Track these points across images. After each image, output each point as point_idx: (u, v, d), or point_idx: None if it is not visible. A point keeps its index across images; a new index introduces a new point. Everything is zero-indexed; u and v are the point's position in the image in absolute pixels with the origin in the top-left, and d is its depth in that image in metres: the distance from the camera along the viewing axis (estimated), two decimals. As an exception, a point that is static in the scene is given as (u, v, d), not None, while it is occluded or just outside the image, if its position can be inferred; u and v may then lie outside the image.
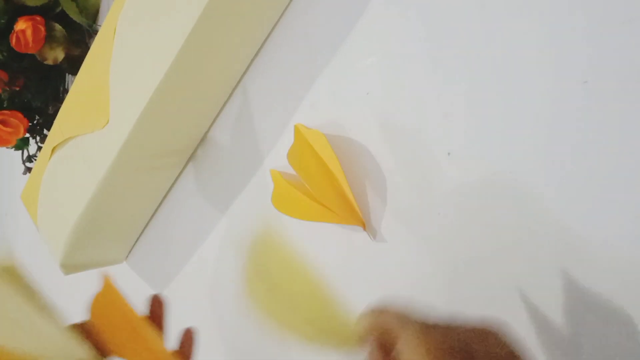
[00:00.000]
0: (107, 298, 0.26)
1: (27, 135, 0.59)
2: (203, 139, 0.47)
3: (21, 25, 0.50)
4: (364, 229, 0.35)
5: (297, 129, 0.38)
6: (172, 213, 0.51)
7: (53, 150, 0.47)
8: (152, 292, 0.27)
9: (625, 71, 0.26)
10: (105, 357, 0.26)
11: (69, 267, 0.48)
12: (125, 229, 0.51)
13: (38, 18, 0.51)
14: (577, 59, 0.28)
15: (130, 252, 0.54)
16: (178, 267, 0.51)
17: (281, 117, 0.41)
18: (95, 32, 0.54)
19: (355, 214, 0.35)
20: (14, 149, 0.61)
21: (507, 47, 0.30)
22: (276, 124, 0.42)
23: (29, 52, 0.52)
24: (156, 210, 0.51)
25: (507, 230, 0.30)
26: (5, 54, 0.53)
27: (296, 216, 0.36)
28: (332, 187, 0.35)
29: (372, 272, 0.36)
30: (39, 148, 0.61)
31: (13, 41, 0.50)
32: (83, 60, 0.45)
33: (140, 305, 0.26)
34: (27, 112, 0.57)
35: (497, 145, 0.31)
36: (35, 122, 0.59)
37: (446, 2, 0.33)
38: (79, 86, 0.45)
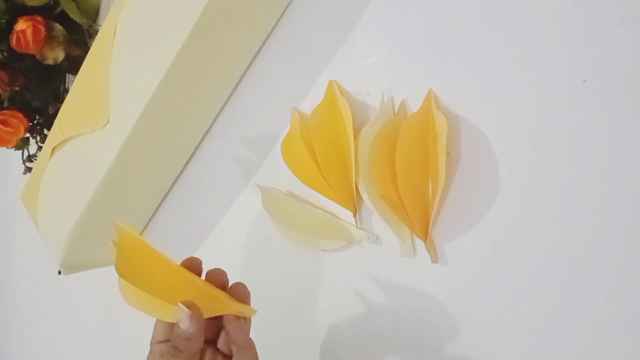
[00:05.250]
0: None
1: (27, 135, 0.59)
2: (203, 139, 0.47)
3: (21, 25, 0.50)
4: (354, 214, 0.35)
5: (331, 86, 0.37)
6: (171, 213, 0.51)
7: (53, 150, 0.47)
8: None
9: (625, 71, 0.26)
10: None
11: (69, 267, 0.48)
12: (125, 229, 0.51)
13: (38, 18, 0.51)
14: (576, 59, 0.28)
15: (130, 252, 0.54)
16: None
17: (280, 118, 0.41)
18: (95, 32, 0.54)
19: (350, 199, 0.35)
20: (14, 149, 0.61)
21: (506, 48, 0.30)
22: (275, 124, 0.42)
23: (29, 52, 0.52)
24: (156, 210, 0.51)
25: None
26: (5, 54, 0.53)
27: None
28: (341, 163, 0.35)
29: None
30: (39, 148, 0.61)
31: (13, 41, 0.50)
32: (83, 60, 0.45)
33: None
34: (27, 112, 0.57)
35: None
36: (35, 122, 0.59)
37: (447, 3, 0.33)
38: (79, 86, 0.45)
